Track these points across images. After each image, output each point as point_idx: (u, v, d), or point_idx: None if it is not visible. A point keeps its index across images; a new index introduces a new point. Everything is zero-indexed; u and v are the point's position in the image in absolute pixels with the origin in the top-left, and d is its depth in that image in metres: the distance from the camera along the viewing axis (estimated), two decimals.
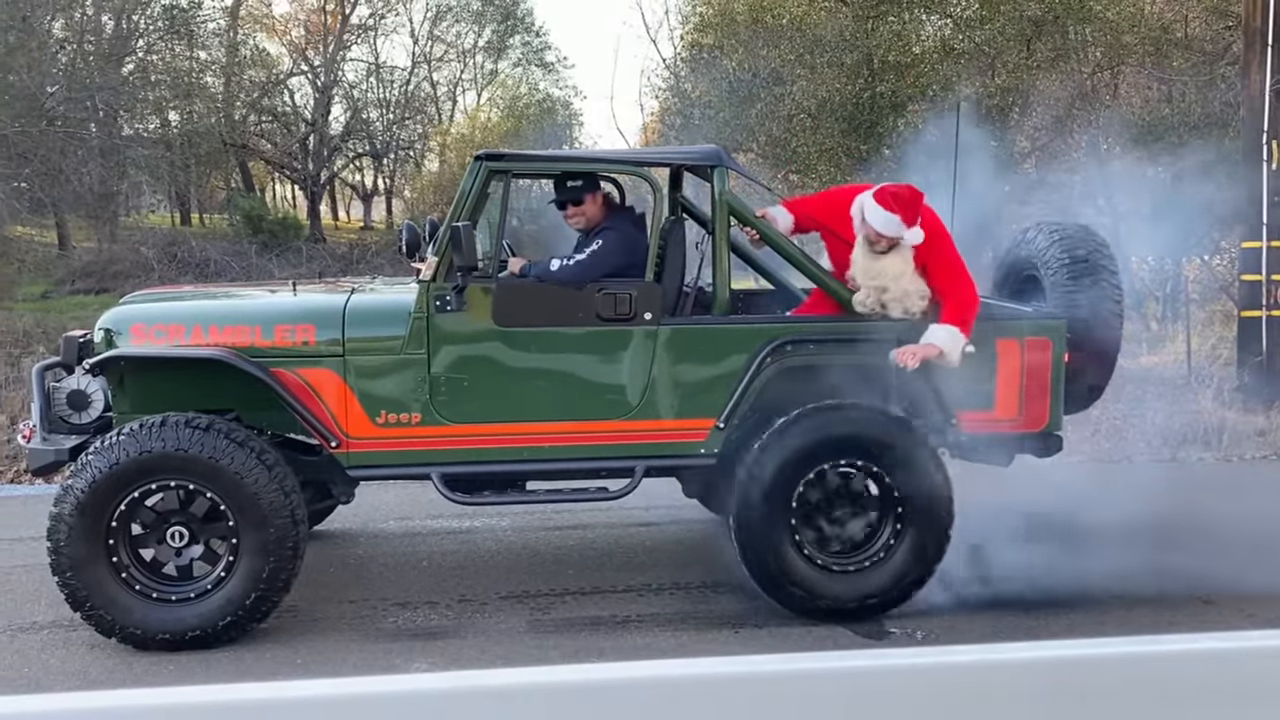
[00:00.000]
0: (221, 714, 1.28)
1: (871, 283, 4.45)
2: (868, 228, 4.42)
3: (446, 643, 4.30)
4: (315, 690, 1.33)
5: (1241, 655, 1.43)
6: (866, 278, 4.46)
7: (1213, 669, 1.41)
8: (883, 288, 4.43)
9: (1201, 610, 4.56)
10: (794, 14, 15.14)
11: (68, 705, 1.27)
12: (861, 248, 4.48)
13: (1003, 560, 4.75)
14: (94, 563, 4.07)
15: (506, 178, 4.60)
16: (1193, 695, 1.39)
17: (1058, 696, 1.37)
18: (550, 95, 29.72)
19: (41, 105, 17.55)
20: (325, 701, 1.31)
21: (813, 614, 4.44)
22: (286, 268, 18.81)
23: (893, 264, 4.42)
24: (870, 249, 4.45)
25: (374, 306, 4.53)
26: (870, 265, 4.45)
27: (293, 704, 1.30)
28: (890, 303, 4.45)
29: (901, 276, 4.42)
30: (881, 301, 4.45)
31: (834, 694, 1.35)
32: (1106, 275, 4.82)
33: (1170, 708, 1.38)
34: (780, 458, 4.37)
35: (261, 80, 26.00)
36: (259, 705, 1.29)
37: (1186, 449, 7.57)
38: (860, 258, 4.48)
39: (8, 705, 1.23)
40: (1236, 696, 1.38)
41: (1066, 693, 1.37)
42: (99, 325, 4.45)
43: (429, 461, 4.40)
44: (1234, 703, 1.38)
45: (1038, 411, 4.58)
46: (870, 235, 4.43)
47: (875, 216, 4.38)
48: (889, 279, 4.42)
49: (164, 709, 1.28)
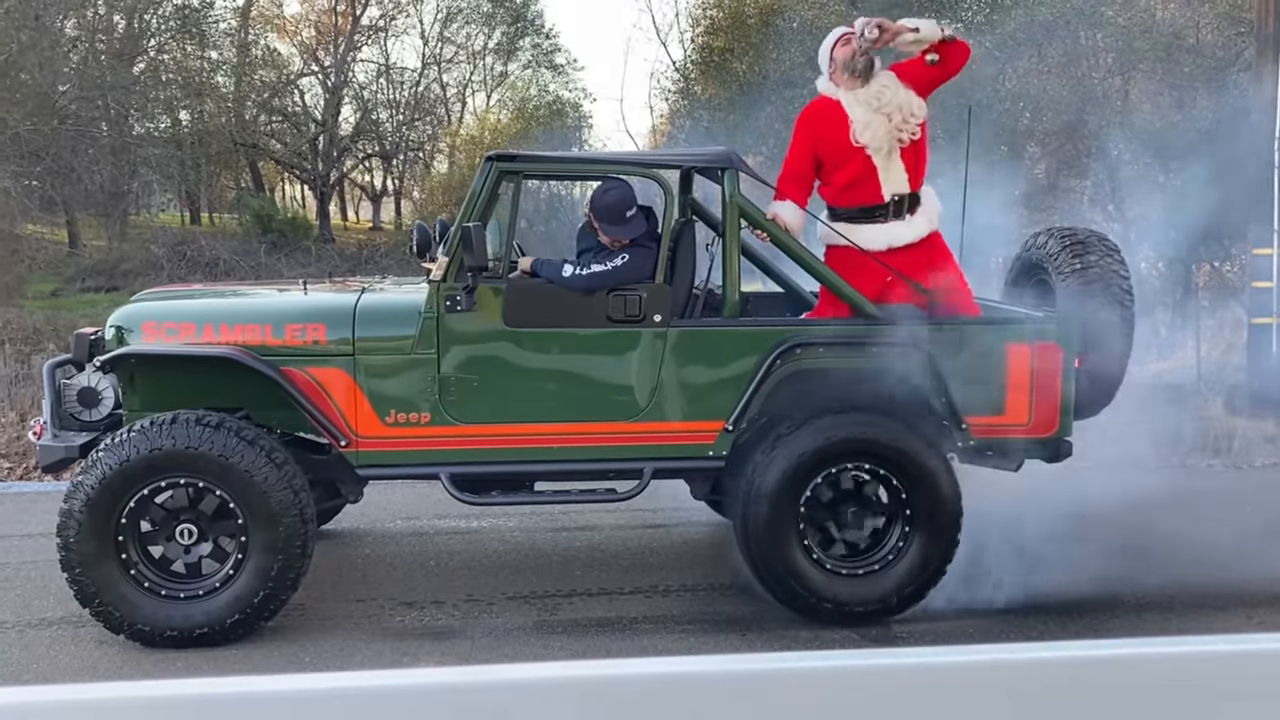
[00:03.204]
0: (227, 706, 1.28)
1: (877, 114, 4.56)
2: (843, 63, 4.61)
3: (453, 642, 4.30)
4: (319, 684, 1.33)
5: (1245, 658, 1.43)
6: (870, 112, 4.57)
7: (1217, 670, 1.41)
8: (887, 114, 4.56)
9: (1210, 617, 4.54)
10: (805, 17, 15.14)
11: (75, 697, 1.28)
12: (849, 94, 4.61)
13: (1009, 564, 4.74)
14: (103, 559, 4.08)
15: (517, 179, 4.60)
16: (1197, 697, 1.38)
17: (1063, 697, 1.37)
18: (560, 97, 29.73)
19: (53, 104, 17.61)
20: (330, 695, 1.31)
21: (820, 617, 4.44)
22: (295, 267, 18.85)
23: (880, 79, 4.59)
24: (856, 83, 4.60)
25: (384, 306, 4.53)
26: (866, 93, 4.58)
27: (296, 697, 1.30)
28: (900, 126, 4.57)
29: (893, 86, 4.58)
30: (892, 129, 4.57)
31: (838, 693, 1.35)
32: (1118, 281, 4.81)
33: (1174, 709, 1.38)
34: (789, 461, 4.37)
35: (272, 80, 26.05)
36: (265, 698, 1.29)
37: (1196, 456, 7.54)
38: (854, 101, 4.59)
39: (15, 696, 1.24)
40: (1240, 698, 1.38)
41: (1071, 693, 1.37)
42: (110, 322, 4.46)
43: (438, 461, 4.41)
44: (1238, 704, 1.38)
45: (1048, 416, 4.57)
46: (849, 66, 4.60)
47: (845, 48, 4.61)
48: (887, 96, 4.56)
49: (170, 701, 1.28)
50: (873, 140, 4.56)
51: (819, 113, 4.73)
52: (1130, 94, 14.68)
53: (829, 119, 4.67)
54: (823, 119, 4.69)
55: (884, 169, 4.62)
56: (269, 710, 1.28)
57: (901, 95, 4.59)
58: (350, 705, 1.29)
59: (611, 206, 4.52)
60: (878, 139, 4.56)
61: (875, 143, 4.56)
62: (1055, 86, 13.77)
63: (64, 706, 1.26)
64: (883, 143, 4.57)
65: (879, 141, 4.56)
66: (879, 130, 4.56)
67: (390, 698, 1.31)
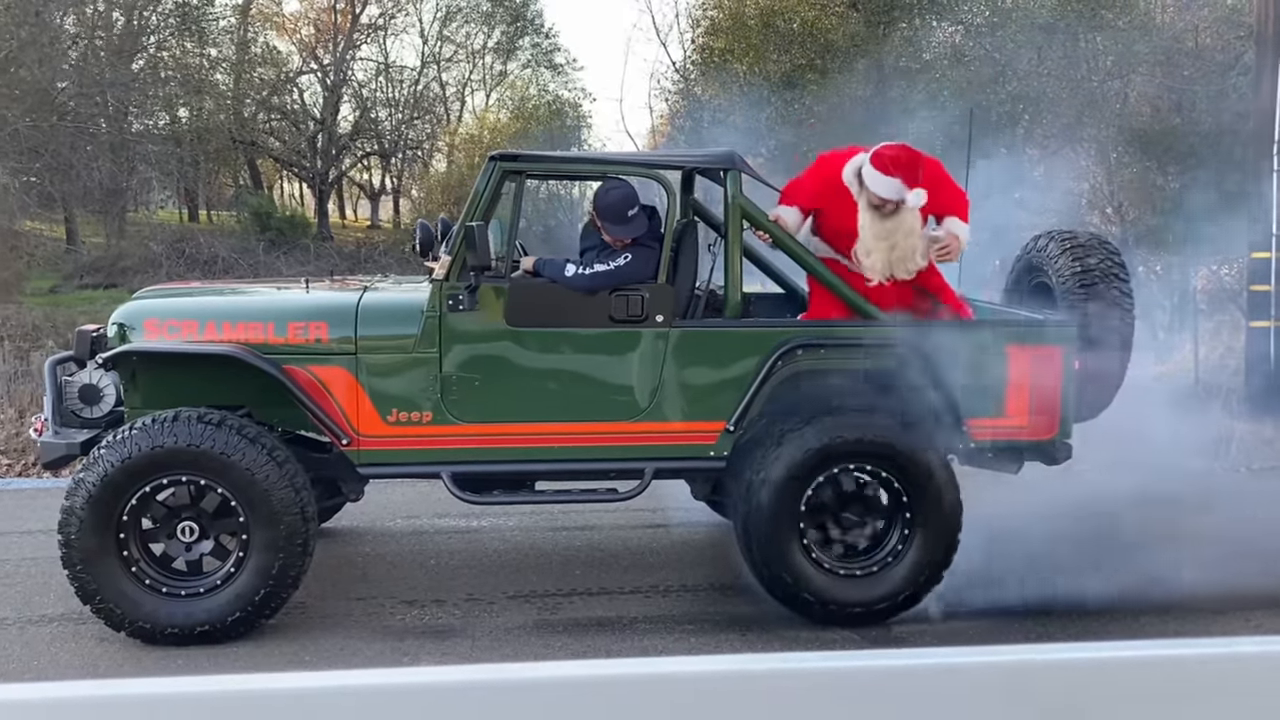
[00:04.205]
0: (227, 704, 1.28)
1: (883, 243, 4.49)
2: (869, 194, 4.47)
3: (454, 641, 4.31)
4: (320, 682, 1.33)
5: (1243, 660, 1.44)
6: (878, 240, 4.50)
7: (1215, 673, 1.42)
8: (892, 245, 4.49)
9: (1208, 620, 4.55)
10: (805, 18, 15.16)
11: (75, 694, 1.28)
12: (867, 213, 4.52)
13: (1005, 567, 4.75)
14: (104, 556, 4.08)
15: (520, 178, 4.61)
16: (1194, 699, 1.39)
17: (1059, 698, 1.38)
18: (559, 97, 29.72)
19: (52, 100, 17.60)
20: (330, 693, 1.31)
21: (820, 617, 4.45)
22: (294, 265, 18.85)
23: (905, 220, 4.49)
24: (876, 213, 4.49)
25: (387, 305, 4.53)
26: (881, 226, 4.49)
27: (296, 695, 1.30)
28: (897, 262, 4.50)
29: (912, 233, 4.49)
30: (889, 262, 4.50)
31: (837, 693, 1.36)
32: (1117, 284, 4.83)
33: (1172, 711, 1.39)
34: (790, 462, 4.38)
35: (271, 78, 26.03)
36: (265, 696, 1.29)
37: (1194, 458, 7.55)
38: (869, 223, 4.52)
39: (15, 693, 1.24)
40: (1236, 698, 1.39)
41: (1069, 695, 1.38)
42: (112, 320, 4.46)
43: (439, 460, 4.41)
44: (1236, 707, 1.39)
45: (1047, 419, 4.58)
46: (873, 200, 4.47)
47: (876, 183, 4.44)
48: (901, 235, 4.48)
49: (170, 699, 1.29)
50: (869, 266, 4.54)
51: (835, 183, 4.64)
52: (1130, 97, 14.71)
53: (842, 197, 4.62)
54: (836, 192, 4.64)
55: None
56: (269, 708, 1.29)
57: (915, 243, 4.51)
58: (350, 704, 1.30)
59: (614, 205, 4.53)
60: (874, 268, 4.53)
61: (871, 268, 4.53)
62: (1055, 89, 13.79)
63: (63, 703, 1.26)
64: (879, 272, 4.53)
65: (875, 271, 4.53)
66: (877, 260, 4.52)
67: (390, 696, 1.31)
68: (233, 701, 1.29)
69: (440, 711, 1.31)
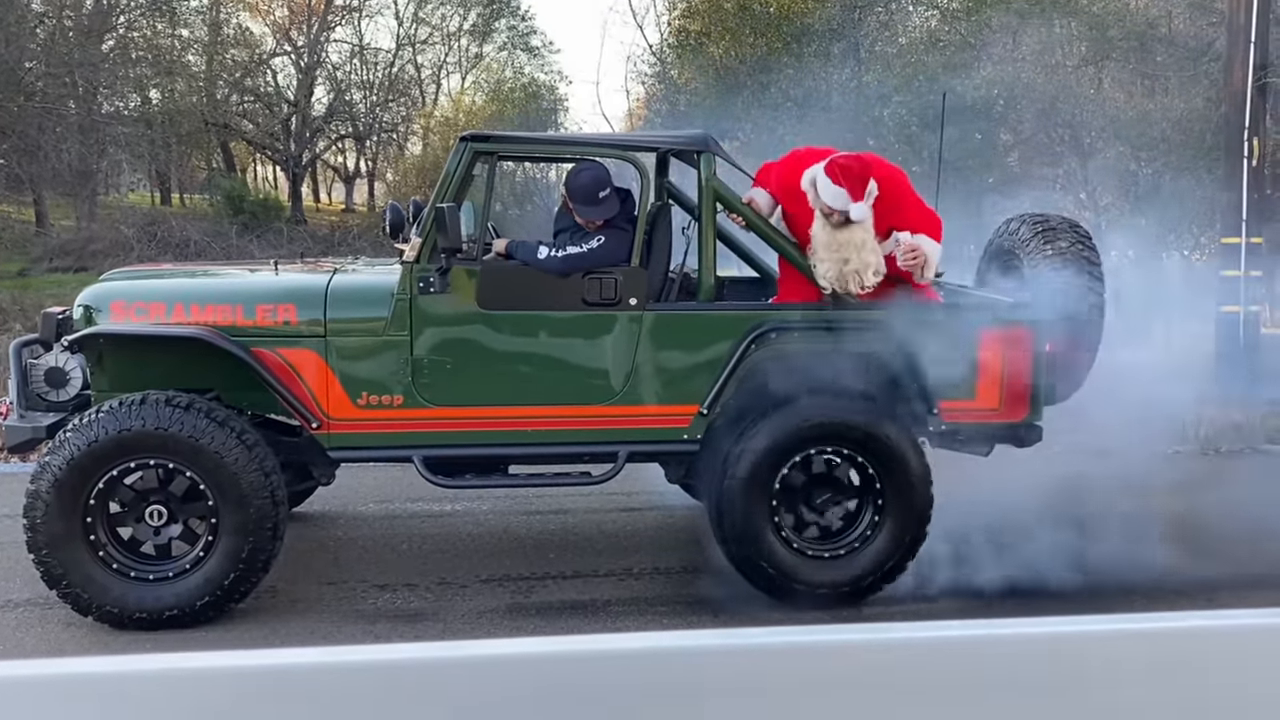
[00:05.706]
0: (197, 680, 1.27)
1: (834, 254, 4.44)
2: (821, 202, 4.44)
3: (426, 625, 4.30)
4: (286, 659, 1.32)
5: (1239, 632, 1.45)
6: (828, 250, 4.45)
7: (1210, 645, 1.42)
8: (844, 259, 4.42)
9: (1171, 600, 4.59)
10: (781, 2, 15.12)
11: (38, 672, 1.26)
12: (820, 221, 4.49)
13: (979, 550, 4.78)
14: (71, 541, 4.04)
15: (492, 159, 4.58)
16: (1188, 670, 1.40)
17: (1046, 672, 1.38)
18: (535, 79, 29.54)
19: (19, 80, 17.34)
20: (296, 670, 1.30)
21: (792, 599, 4.46)
22: (267, 249, 18.68)
23: (855, 234, 4.42)
24: (827, 221, 4.46)
25: (357, 287, 4.50)
26: (832, 238, 4.44)
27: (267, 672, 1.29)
28: (850, 275, 4.43)
29: (863, 247, 4.42)
30: (843, 274, 4.44)
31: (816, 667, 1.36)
32: (1088, 267, 4.85)
33: (1174, 681, 1.39)
34: (762, 445, 4.39)
35: (244, 60, 25.75)
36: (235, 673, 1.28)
37: (1163, 442, 7.62)
38: (820, 231, 4.48)
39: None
40: (1237, 671, 1.39)
41: (1055, 669, 1.38)
42: (78, 302, 4.40)
43: (410, 444, 4.39)
44: (1234, 678, 1.39)
45: (1018, 402, 4.60)
46: (823, 208, 4.45)
47: (825, 190, 4.41)
48: (852, 249, 4.41)
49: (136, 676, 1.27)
50: (820, 274, 4.48)
51: (795, 191, 4.59)
52: (1103, 82, 14.78)
53: (802, 202, 4.57)
54: (797, 197, 4.59)
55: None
56: (235, 685, 1.27)
57: (869, 258, 4.41)
58: (320, 680, 1.29)
59: (585, 187, 4.50)
60: (825, 276, 4.47)
61: (823, 276, 4.47)
62: (1029, 74, 13.84)
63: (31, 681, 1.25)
64: (831, 280, 4.47)
65: (826, 279, 4.47)
66: (830, 270, 4.45)
67: (360, 673, 1.30)
68: (203, 679, 1.28)
69: (411, 688, 1.30)
